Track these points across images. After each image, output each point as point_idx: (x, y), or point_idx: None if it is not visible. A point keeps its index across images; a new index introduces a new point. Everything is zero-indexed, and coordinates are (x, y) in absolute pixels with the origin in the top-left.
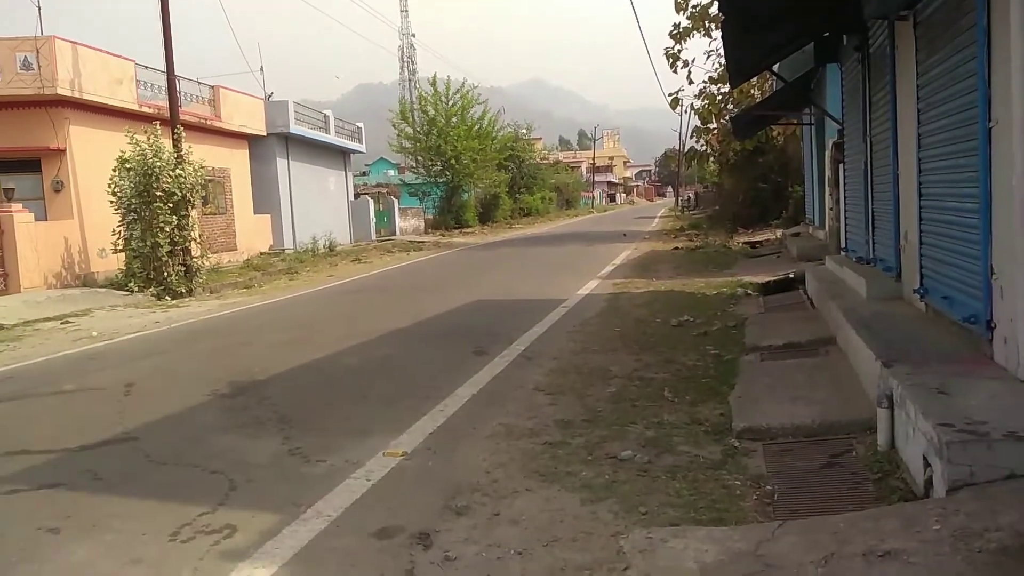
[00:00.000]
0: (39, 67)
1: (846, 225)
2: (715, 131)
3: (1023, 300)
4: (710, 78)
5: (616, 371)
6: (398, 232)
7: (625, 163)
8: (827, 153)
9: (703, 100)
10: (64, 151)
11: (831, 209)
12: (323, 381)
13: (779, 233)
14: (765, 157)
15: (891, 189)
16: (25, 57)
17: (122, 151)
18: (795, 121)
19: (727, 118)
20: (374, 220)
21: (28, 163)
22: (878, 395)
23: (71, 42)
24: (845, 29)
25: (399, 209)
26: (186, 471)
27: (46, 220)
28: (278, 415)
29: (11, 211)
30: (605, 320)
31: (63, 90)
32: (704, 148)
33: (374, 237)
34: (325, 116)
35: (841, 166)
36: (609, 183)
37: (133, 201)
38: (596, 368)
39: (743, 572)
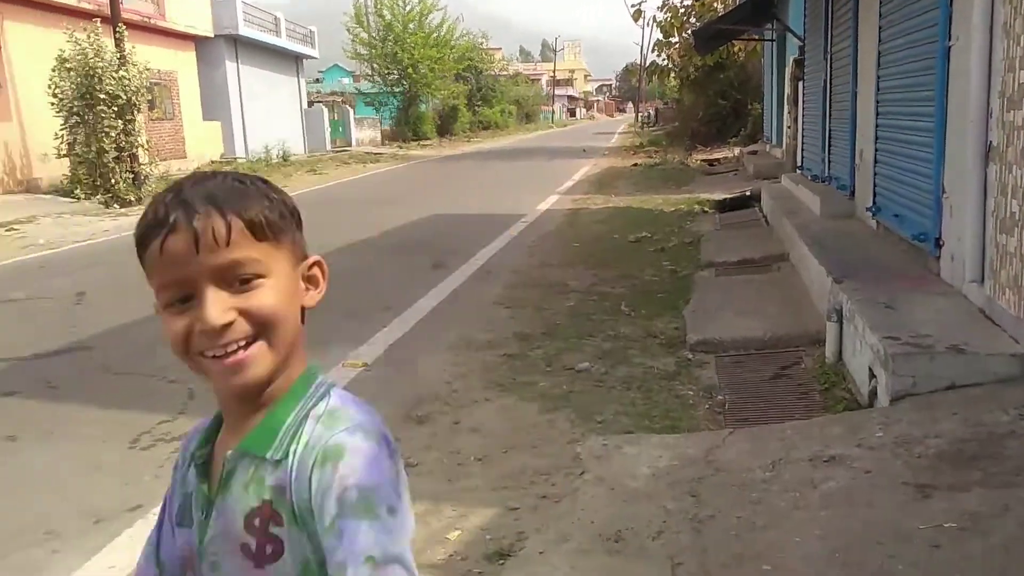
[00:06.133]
0: None
1: (803, 143)
2: (677, 45)
3: (971, 219)
4: None
5: (574, 285)
6: (354, 143)
7: (586, 77)
8: (787, 70)
9: (665, 12)
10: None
11: (789, 127)
12: None
13: (737, 151)
14: (726, 73)
15: (849, 107)
16: None
17: (61, 50)
18: (757, 37)
19: (689, 32)
20: (329, 130)
21: None
22: (828, 310)
23: None
24: None
25: (355, 119)
26: (143, 380)
27: None
28: None
29: None
30: (564, 235)
31: None
32: (665, 63)
33: (329, 148)
34: (276, 18)
35: (800, 84)
36: (570, 97)
37: (75, 104)
38: (554, 282)
39: (694, 476)
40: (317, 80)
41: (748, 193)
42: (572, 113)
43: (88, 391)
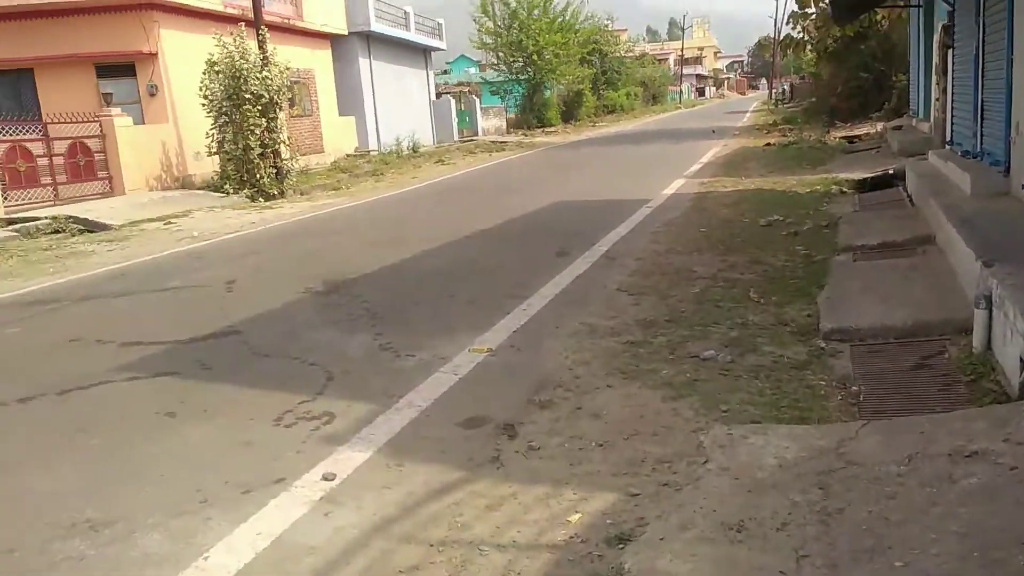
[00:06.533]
0: None
1: (952, 117)
2: (814, 16)
3: None
4: None
5: (700, 272)
6: (480, 132)
7: (716, 54)
8: (935, 38)
9: None
10: (156, 55)
11: (937, 100)
12: (411, 280)
13: (879, 127)
14: (867, 44)
15: (1004, 75)
16: None
17: (210, 54)
18: (901, 3)
19: (827, 1)
20: (456, 120)
21: (123, 68)
22: (976, 295)
23: None
24: None
25: (481, 108)
26: (287, 363)
27: (144, 124)
28: (369, 312)
29: (111, 116)
30: (690, 220)
31: None
32: (801, 35)
33: (456, 138)
34: (405, 12)
35: (950, 52)
36: (698, 76)
37: (224, 104)
38: (680, 269)
39: (823, 468)
40: (444, 71)
41: (891, 172)
42: (701, 92)
43: (238, 372)
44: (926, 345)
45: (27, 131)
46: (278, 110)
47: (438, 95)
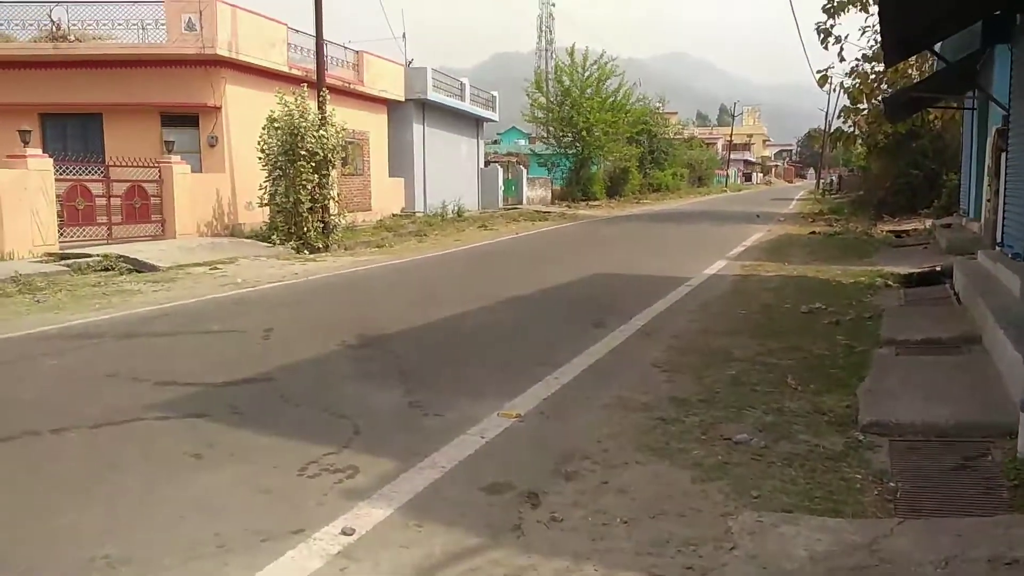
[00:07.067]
0: (201, 28)
1: (1003, 218)
2: (865, 112)
3: None
4: (864, 56)
5: (738, 354)
6: (525, 201)
7: (764, 141)
8: (989, 140)
9: (854, 79)
10: (219, 108)
11: (988, 200)
12: (445, 340)
13: (928, 223)
14: (919, 142)
15: None
16: (189, 18)
17: (271, 111)
18: (955, 105)
19: (879, 98)
20: (502, 188)
21: (187, 118)
22: (1022, 399)
23: (230, 5)
24: (1019, 7)
25: (527, 179)
26: (316, 413)
27: (201, 172)
28: (401, 369)
29: (171, 163)
30: (730, 302)
31: (221, 51)
32: (852, 129)
33: (501, 205)
34: (461, 84)
35: (1003, 155)
36: (746, 161)
37: (279, 159)
38: (717, 349)
39: (855, 564)
40: (495, 141)
41: (939, 268)
42: (747, 178)
43: (267, 419)
44: (968, 446)
45: (90, 171)
46: (331, 167)
47: (487, 163)
